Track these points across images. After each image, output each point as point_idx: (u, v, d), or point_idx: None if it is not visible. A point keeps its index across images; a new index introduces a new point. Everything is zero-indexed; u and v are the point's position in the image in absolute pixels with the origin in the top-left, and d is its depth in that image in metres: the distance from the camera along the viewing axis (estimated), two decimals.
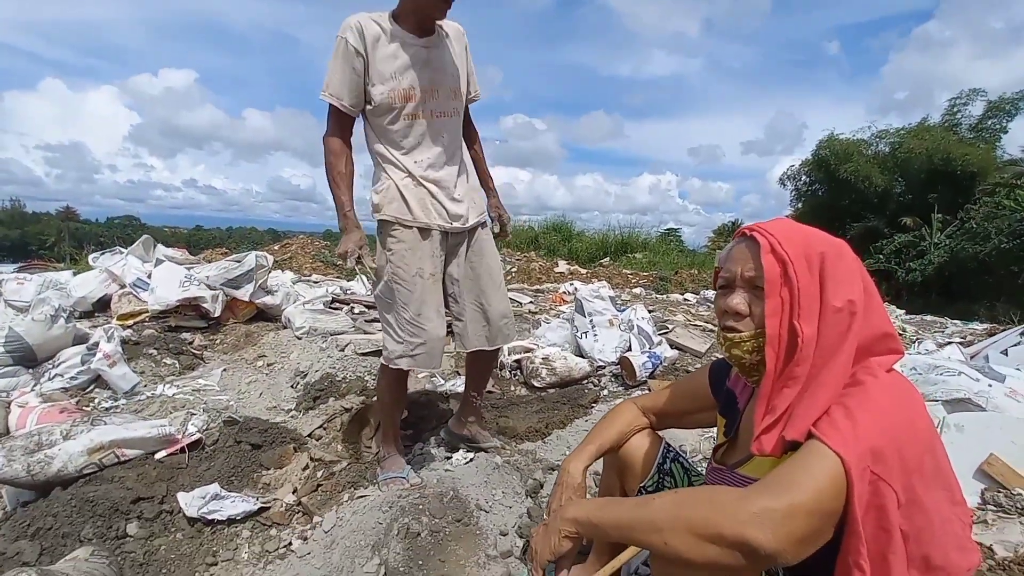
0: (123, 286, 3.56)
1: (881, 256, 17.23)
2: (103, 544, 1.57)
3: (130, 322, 3.31)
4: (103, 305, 3.62)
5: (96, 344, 2.66)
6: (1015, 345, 2.78)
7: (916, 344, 3.51)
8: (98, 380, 2.62)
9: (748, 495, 0.74)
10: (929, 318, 6.43)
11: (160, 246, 3.99)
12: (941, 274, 16.16)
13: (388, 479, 1.87)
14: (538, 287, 7.77)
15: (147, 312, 3.34)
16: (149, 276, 3.51)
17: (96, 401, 2.49)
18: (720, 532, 0.72)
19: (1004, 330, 3.35)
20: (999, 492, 1.64)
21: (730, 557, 0.72)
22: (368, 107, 1.69)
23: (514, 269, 10.43)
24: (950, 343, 3.24)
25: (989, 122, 18.86)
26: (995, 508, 1.61)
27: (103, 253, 3.96)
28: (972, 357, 2.70)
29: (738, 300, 0.89)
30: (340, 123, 1.70)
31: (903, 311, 7.08)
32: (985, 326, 4.54)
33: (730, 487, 0.81)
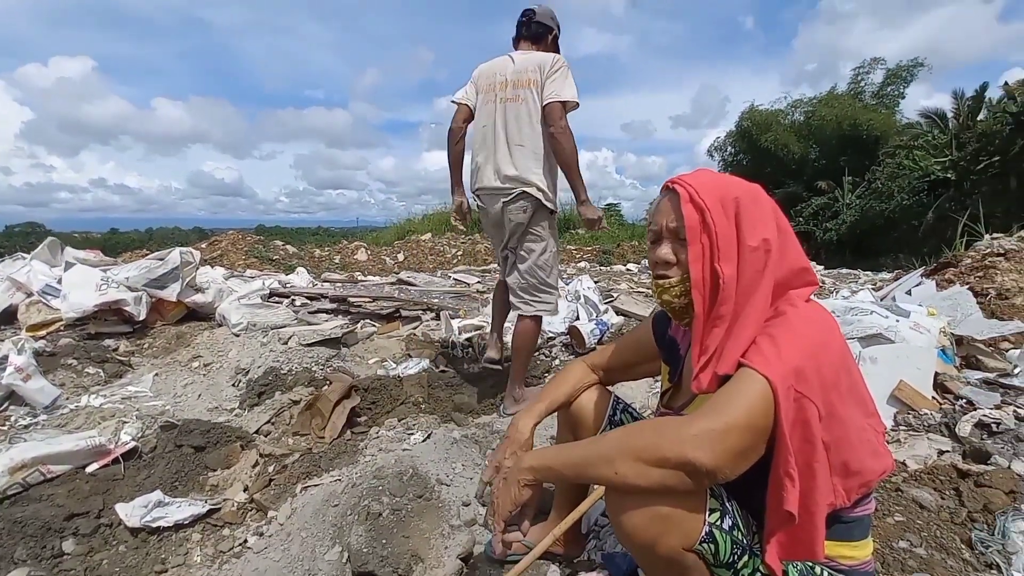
0: (30, 294, 3.23)
1: (801, 219, 18.47)
2: (39, 564, 1.47)
3: (42, 332, 3.02)
4: (9, 317, 3.28)
5: (5, 358, 2.41)
6: (917, 285, 3.08)
7: (834, 293, 3.81)
8: (12, 396, 2.39)
9: (687, 420, 0.81)
10: (845, 271, 7.00)
11: (69, 249, 3.64)
12: (853, 232, 17.53)
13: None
14: (484, 268, 7.78)
15: (61, 320, 3.06)
16: (59, 281, 3.20)
17: (12, 419, 2.28)
18: (664, 455, 0.78)
19: (907, 274, 3.69)
20: (909, 413, 1.84)
21: (675, 478, 0.78)
22: None
23: (460, 252, 10.37)
24: (862, 290, 3.54)
25: (888, 88, 20.47)
26: (906, 428, 1.80)
27: (3, 260, 3.58)
28: (881, 299, 2.96)
29: (665, 251, 0.94)
30: None
31: (822, 267, 7.66)
32: (892, 274, 4.99)
33: (672, 417, 0.86)
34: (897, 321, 2.03)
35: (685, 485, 0.78)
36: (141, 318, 3.15)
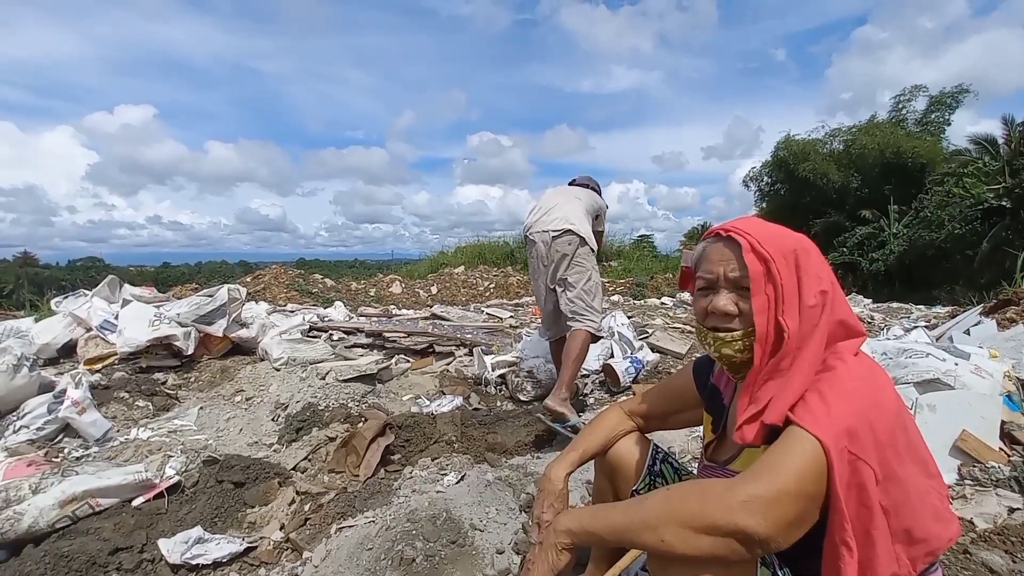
0: (89, 329, 3.43)
1: (844, 249, 17.85)
2: None
3: (98, 366, 3.19)
4: (69, 351, 3.48)
5: (63, 391, 2.55)
6: (976, 324, 2.90)
7: (885, 331, 3.63)
8: (67, 429, 2.51)
9: (735, 484, 0.76)
10: (895, 305, 6.67)
11: (127, 286, 3.86)
12: (902, 263, 16.80)
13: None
14: (517, 301, 7.79)
15: (116, 354, 3.23)
16: (116, 317, 3.39)
17: (66, 451, 2.38)
18: (714, 522, 0.73)
19: (964, 311, 3.49)
20: (974, 466, 1.71)
21: (725, 546, 0.73)
22: None
23: (492, 285, 10.44)
24: (916, 327, 3.36)
25: (932, 116, 19.88)
26: (972, 482, 1.67)
27: (66, 297, 3.82)
28: (937, 339, 2.80)
29: (725, 301, 0.89)
30: None
31: (870, 300, 7.32)
32: (947, 309, 4.72)
33: (717, 479, 0.83)
34: (956, 364, 1.91)
35: (737, 554, 0.73)
36: (189, 352, 3.29)
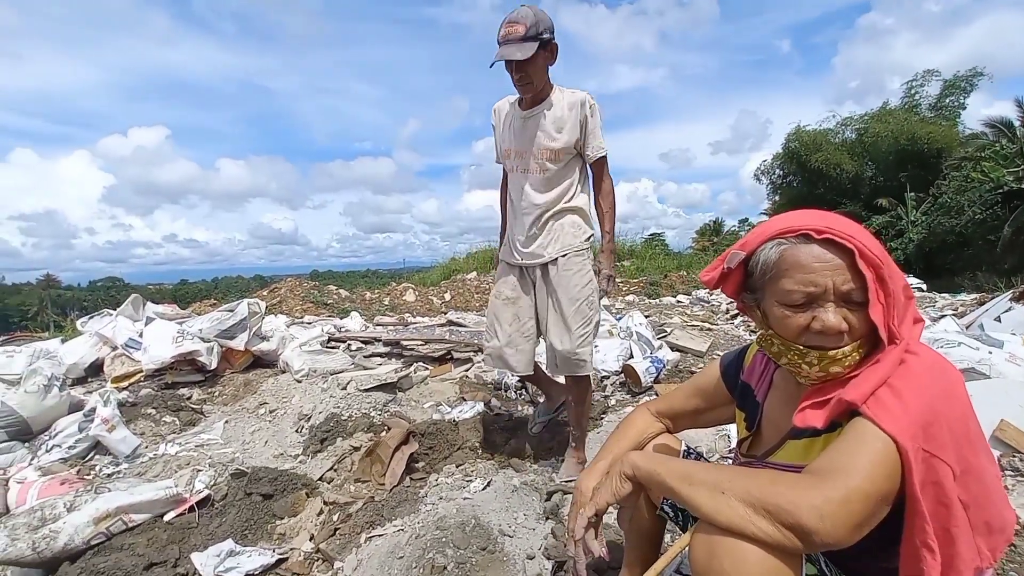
0: (115, 348, 3.49)
1: None
2: None
3: (125, 383, 3.24)
4: (96, 369, 3.55)
5: (93, 410, 2.59)
6: (1007, 311, 2.83)
7: None
8: (97, 446, 2.55)
9: (805, 481, 0.73)
10: (918, 294, 6.54)
11: (149, 304, 3.93)
12: (922, 251, 16.49)
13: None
14: None
15: (142, 372, 3.28)
16: (141, 335, 3.45)
17: (97, 468, 2.42)
18: (779, 510, 0.70)
19: (993, 298, 3.41)
20: (1015, 456, 1.66)
21: (783, 538, 0.70)
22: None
23: None
24: (943, 316, 3.28)
25: (947, 100, 19.54)
26: (1012, 472, 1.62)
27: (92, 317, 3.90)
28: (967, 327, 2.74)
29: (838, 320, 0.79)
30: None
31: None
32: (973, 296, 4.61)
33: (789, 473, 0.79)
34: (990, 352, 1.87)
35: (793, 548, 0.71)
36: (213, 367, 3.33)
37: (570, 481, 2.06)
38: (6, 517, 2.05)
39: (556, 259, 2.06)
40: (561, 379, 2.30)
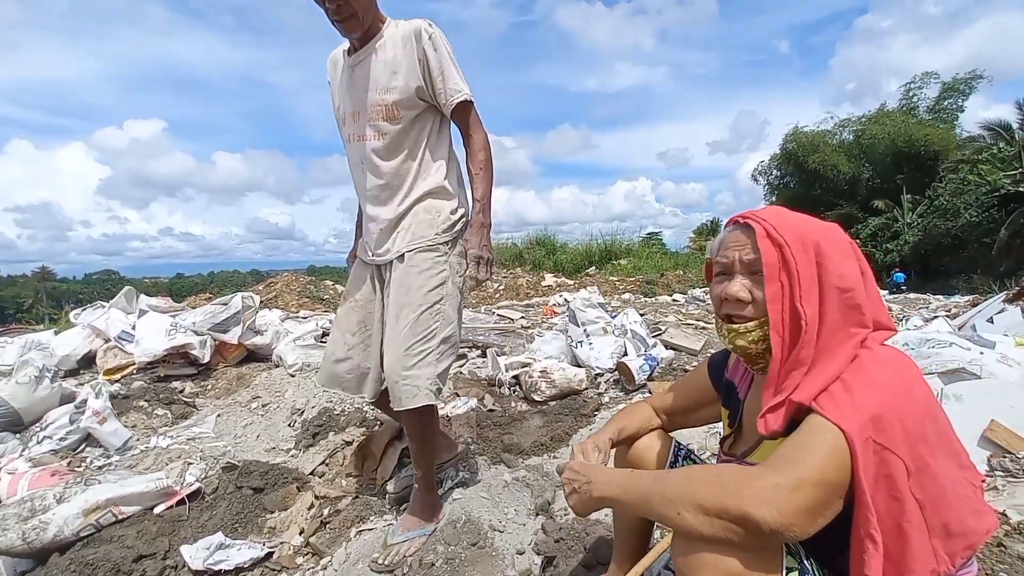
0: (108, 340, 3.48)
1: (858, 240, 17.57)
2: None
3: (117, 376, 3.23)
4: (88, 362, 3.53)
5: (84, 402, 2.58)
6: (999, 312, 2.84)
7: (904, 321, 3.57)
8: (88, 439, 2.54)
9: (752, 472, 0.75)
10: (912, 296, 6.57)
11: (143, 296, 3.90)
12: (917, 253, 16.57)
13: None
14: (527, 302, 7.78)
15: (134, 364, 3.27)
16: (134, 328, 3.43)
17: (88, 460, 2.41)
18: (725, 507, 0.73)
19: (986, 299, 3.42)
20: (1004, 457, 1.67)
21: (734, 533, 0.72)
22: None
23: (501, 287, 10.44)
24: (936, 317, 3.30)
25: (945, 103, 19.59)
26: (1003, 473, 1.63)
27: (85, 309, 3.87)
28: (960, 328, 2.75)
29: (738, 287, 0.87)
30: None
31: (885, 292, 7.22)
32: (967, 298, 4.63)
33: (737, 466, 0.81)
34: (981, 353, 1.87)
35: (746, 541, 0.73)
36: (205, 361, 3.32)
37: (405, 542, 1.60)
38: None
39: (403, 254, 1.60)
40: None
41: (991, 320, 2.78)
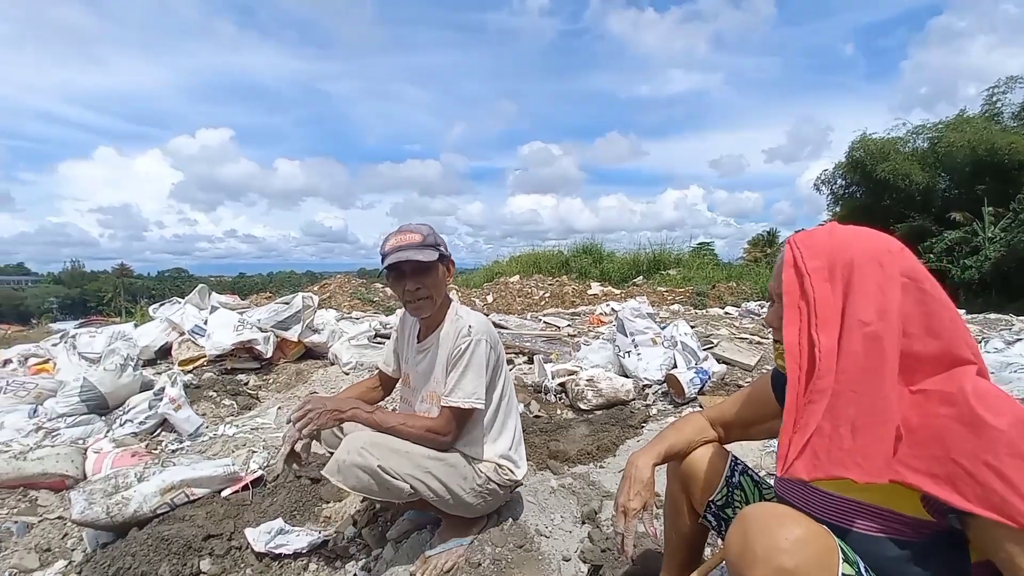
0: (182, 333, 3.74)
1: (932, 255, 16.41)
2: None
3: (190, 367, 3.47)
4: (164, 352, 3.82)
5: (162, 389, 2.79)
6: None
7: (984, 343, 3.32)
8: (164, 423, 2.75)
9: None
10: (993, 316, 6.08)
11: (214, 294, 4.19)
12: (999, 270, 15.26)
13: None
14: (573, 310, 7.74)
15: (205, 356, 3.50)
16: (206, 323, 3.69)
17: (164, 444, 2.61)
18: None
19: None
20: None
21: None
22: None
23: (547, 294, 10.44)
24: (1019, 340, 3.05)
25: None
26: None
27: (162, 304, 4.19)
28: None
29: (772, 315, 0.95)
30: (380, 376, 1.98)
31: (963, 311, 6.72)
32: None
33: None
34: None
35: None
36: (268, 356, 3.52)
37: (442, 553, 1.62)
38: (84, 483, 2.24)
39: None
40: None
41: None
